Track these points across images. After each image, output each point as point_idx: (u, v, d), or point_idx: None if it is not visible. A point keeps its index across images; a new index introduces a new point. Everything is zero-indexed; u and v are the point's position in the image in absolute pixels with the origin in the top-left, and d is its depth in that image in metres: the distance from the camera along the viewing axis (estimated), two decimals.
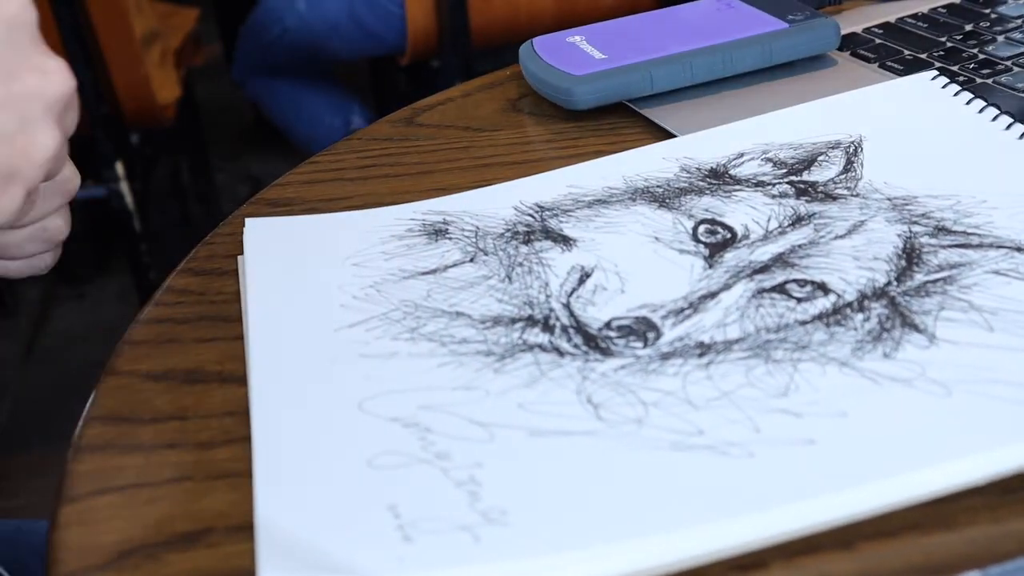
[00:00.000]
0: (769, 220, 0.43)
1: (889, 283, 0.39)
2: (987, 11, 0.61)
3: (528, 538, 0.29)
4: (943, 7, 0.62)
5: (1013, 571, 0.29)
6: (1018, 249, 0.39)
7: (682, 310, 0.38)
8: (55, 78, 0.36)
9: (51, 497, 0.36)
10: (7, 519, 0.59)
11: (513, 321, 0.39)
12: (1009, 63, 0.55)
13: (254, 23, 1.60)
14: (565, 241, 0.43)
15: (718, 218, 0.43)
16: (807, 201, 0.44)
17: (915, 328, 0.36)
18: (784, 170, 0.46)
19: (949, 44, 0.58)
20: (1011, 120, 0.47)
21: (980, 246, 0.40)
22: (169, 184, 2.00)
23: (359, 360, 0.37)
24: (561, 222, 0.44)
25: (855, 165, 0.46)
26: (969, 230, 0.41)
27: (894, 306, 0.37)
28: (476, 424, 0.33)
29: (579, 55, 0.57)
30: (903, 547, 0.30)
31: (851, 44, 0.59)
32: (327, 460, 0.32)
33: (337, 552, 0.29)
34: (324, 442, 0.33)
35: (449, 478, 0.31)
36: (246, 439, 0.35)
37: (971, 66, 0.55)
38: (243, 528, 0.32)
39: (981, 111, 0.48)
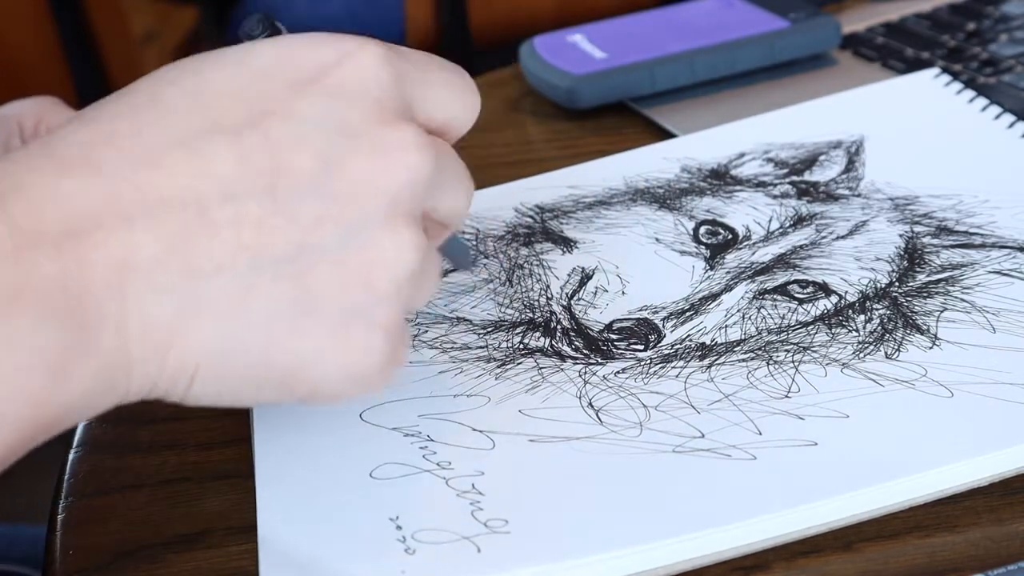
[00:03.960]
0: (770, 221, 0.42)
1: (891, 284, 0.38)
2: (990, 10, 0.61)
3: (529, 546, 0.29)
4: (945, 6, 0.62)
5: (1015, 572, 0.29)
6: (1020, 249, 0.39)
7: (683, 312, 0.38)
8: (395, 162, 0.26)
9: (51, 497, 0.36)
10: (7, 519, 0.59)
11: (514, 325, 0.38)
12: (1012, 62, 0.55)
13: (247, 17, 1.59)
14: (566, 243, 0.43)
15: (719, 219, 0.43)
16: (808, 201, 0.44)
17: (917, 329, 0.36)
18: (785, 170, 0.46)
19: (952, 43, 0.58)
20: (1014, 119, 0.47)
21: (982, 246, 0.40)
22: None
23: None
24: (562, 223, 0.44)
25: (857, 165, 0.46)
26: (971, 230, 0.41)
27: (896, 307, 0.37)
28: (477, 432, 0.33)
29: (580, 54, 0.57)
30: (905, 549, 0.30)
31: (853, 43, 0.59)
32: (329, 471, 0.32)
33: (340, 564, 0.29)
34: (326, 453, 0.33)
35: (450, 487, 0.31)
36: (246, 440, 0.35)
37: (974, 65, 0.55)
38: (243, 529, 0.32)
39: (984, 109, 0.48)
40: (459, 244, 0.34)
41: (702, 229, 0.43)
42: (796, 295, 0.38)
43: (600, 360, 0.36)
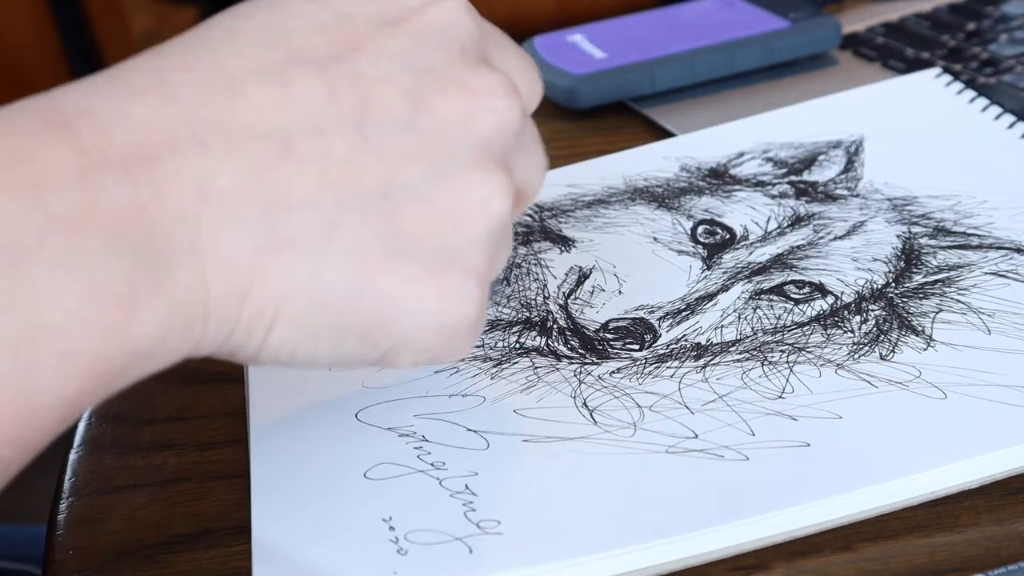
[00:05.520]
0: (768, 221, 0.43)
1: (887, 284, 0.39)
2: (990, 10, 0.61)
3: (521, 547, 0.29)
4: (945, 6, 0.62)
5: (1015, 572, 0.29)
6: (1018, 250, 0.39)
7: (679, 312, 0.38)
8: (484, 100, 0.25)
9: (51, 497, 0.36)
10: (7, 519, 0.59)
11: (510, 324, 0.39)
12: (1012, 62, 0.55)
13: None
14: (564, 242, 0.43)
15: (717, 219, 0.43)
16: (807, 201, 0.44)
17: (912, 330, 0.36)
18: (784, 170, 0.46)
19: (952, 43, 0.58)
20: (1014, 119, 0.47)
21: (979, 247, 0.40)
22: None
23: (355, 368, 0.37)
24: (560, 222, 0.44)
25: (856, 165, 0.46)
26: (969, 231, 0.41)
27: (892, 308, 0.37)
28: (472, 432, 0.33)
29: (580, 54, 0.57)
30: (905, 548, 0.30)
31: (853, 43, 0.59)
32: (324, 471, 0.32)
33: (332, 565, 0.29)
34: (321, 453, 0.33)
35: (444, 488, 0.31)
36: (245, 440, 0.35)
37: (974, 65, 0.55)
38: (243, 529, 0.32)
39: (984, 110, 0.48)
40: None
41: (700, 229, 0.43)
42: (792, 295, 0.38)
43: (595, 360, 0.36)
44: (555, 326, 0.38)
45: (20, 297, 0.20)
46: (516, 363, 0.37)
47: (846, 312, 0.37)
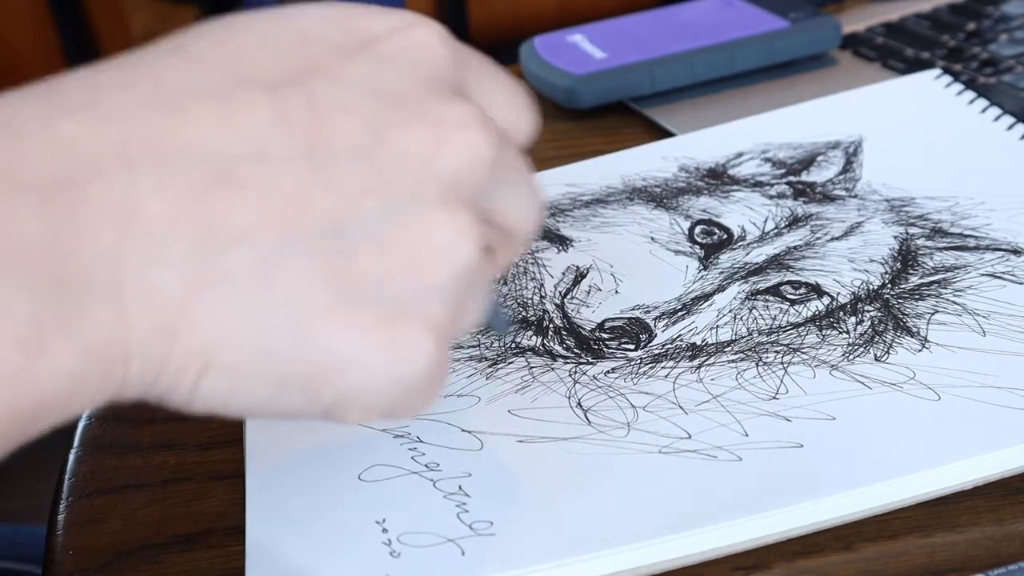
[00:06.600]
0: (766, 221, 0.43)
1: (883, 285, 0.39)
2: (990, 10, 0.60)
3: (514, 549, 0.29)
4: (945, 6, 0.62)
5: (1015, 572, 0.29)
6: (1014, 252, 0.39)
7: (675, 311, 0.38)
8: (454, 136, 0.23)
9: (51, 497, 0.36)
10: (7, 519, 0.59)
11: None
12: (1012, 62, 0.55)
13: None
14: (562, 241, 0.43)
15: (715, 219, 0.43)
16: (805, 202, 0.44)
17: (908, 331, 0.36)
18: (783, 170, 0.46)
19: (952, 43, 0.58)
20: (1013, 120, 0.47)
21: (976, 248, 0.40)
22: None
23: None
24: (558, 221, 0.44)
25: (854, 166, 0.46)
26: (966, 232, 0.41)
27: (887, 309, 0.37)
28: (466, 433, 0.34)
29: (580, 54, 0.57)
30: (905, 548, 0.30)
31: (853, 43, 0.59)
32: (318, 472, 0.33)
33: (325, 567, 0.29)
34: (316, 454, 0.33)
35: (437, 489, 0.31)
36: (244, 441, 0.36)
37: (974, 65, 0.55)
38: (242, 529, 0.32)
39: (984, 111, 0.48)
40: (491, 301, 0.28)
41: (697, 229, 0.43)
42: (788, 296, 0.39)
43: (591, 359, 0.37)
44: (551, 325, 0.38)
45: None
46: (511, 363, 0.37)
47: (841, 313, 0.37)
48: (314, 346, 0.22)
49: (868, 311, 0.37)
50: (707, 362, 0.36)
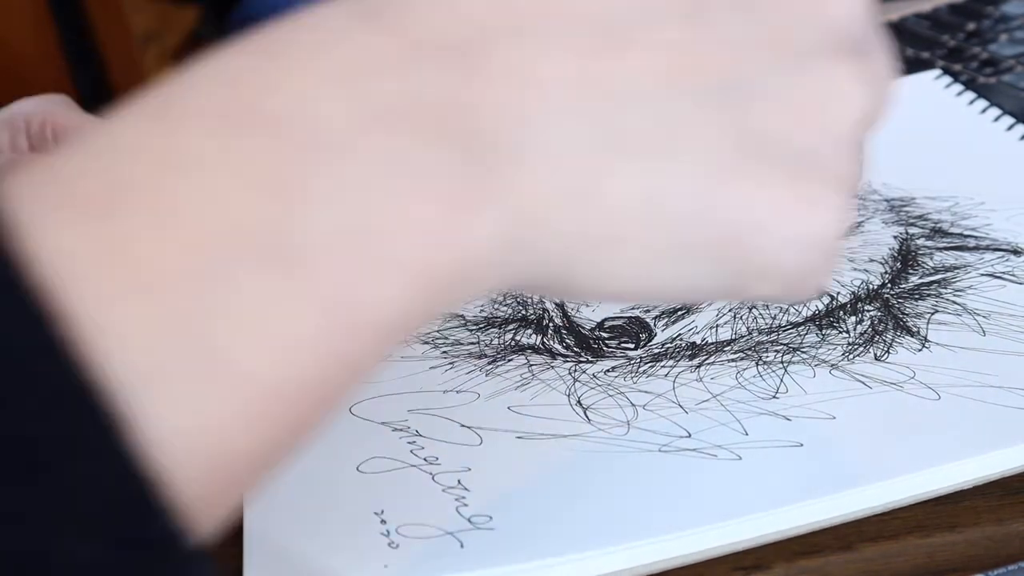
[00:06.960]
0: None
1: (883, 285, 0.39)
2: (990, 10, 0.60)
3: (512, 543, 0.29)
4: (945, 6, 0.62)
5: (1015, 572, 0.29)
6: (1014, 252, 0.39)
7: (675, 310, 0.38)
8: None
9: None
10: None
11: (506, 322, 0.39)
12: (1012, 62, 0.55)
13: (247, 17, 1.59)
14: None
15: None
16: None
17: (908, 331, 0.36)
18: None
19: (952, 43, 0.58)
20: (1013, 121, 0.46)
21: (976, 248, 0.40)
22: None
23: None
24: None
25: None
26: (966, 232, 0.41)
27: (887, 308, 0.37)
28: (466, 428, 0.34)
29: None
30: (905, 548, 0.30)
31: None
32: (317, 464, 0.33)
33: (323, 557, 0.29)
34: (314, 446, 0.33)
35: (436, 483, 0.31)
36: None
37: (974, 65, 0.55)
38: (240, 521, 0.32)
39: (984, 112, 0.48)
40: None
41: None
42: None
43: (590, 358, 0.36)
44: (551, 324, 0.38)
45: (334, 198, 0.18)
46: (511, 360, 0.37)
47: (841, 312, 0.37)
48: (726, 205, 0.21)
49: (868, 311, 0.37)
50: (707, 361, 0.36)
